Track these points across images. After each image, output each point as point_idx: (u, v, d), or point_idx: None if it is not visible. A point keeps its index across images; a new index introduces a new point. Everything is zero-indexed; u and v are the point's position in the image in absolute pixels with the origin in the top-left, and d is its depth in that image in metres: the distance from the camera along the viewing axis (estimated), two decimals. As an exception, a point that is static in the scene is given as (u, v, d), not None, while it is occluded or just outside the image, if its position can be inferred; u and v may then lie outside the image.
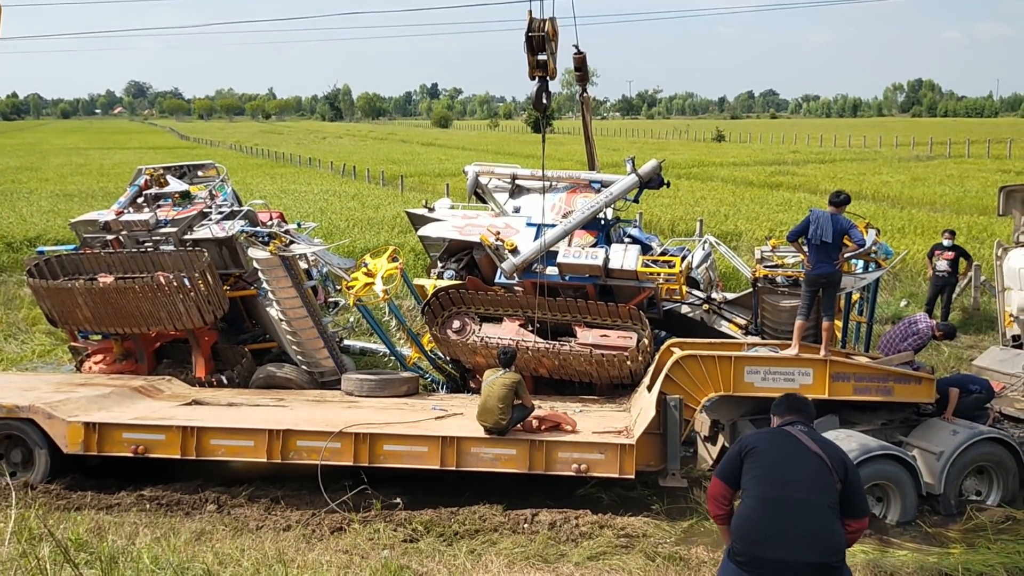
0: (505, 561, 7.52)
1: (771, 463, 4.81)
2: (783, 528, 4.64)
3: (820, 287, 9.63)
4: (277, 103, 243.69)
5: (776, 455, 4.83)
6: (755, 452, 4.88)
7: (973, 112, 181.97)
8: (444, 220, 13.11)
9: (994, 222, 22.83)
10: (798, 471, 4.74)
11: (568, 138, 76.21)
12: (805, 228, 9.41)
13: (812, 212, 9.51)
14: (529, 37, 9.08)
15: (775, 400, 5.30)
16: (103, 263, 12.01)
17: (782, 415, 5.13)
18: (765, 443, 4.93)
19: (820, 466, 4.75)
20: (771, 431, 5.07)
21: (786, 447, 4.85)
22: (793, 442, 4.86)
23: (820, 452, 4.79)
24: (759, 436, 5.06)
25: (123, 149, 72.87)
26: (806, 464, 4.76)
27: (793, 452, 4.81)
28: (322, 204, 31.10)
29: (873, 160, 52.05)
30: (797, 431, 4.92)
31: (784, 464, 4.77)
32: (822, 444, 4.89)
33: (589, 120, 13.77)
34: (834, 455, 4.84)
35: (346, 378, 11.28)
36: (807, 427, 5.00)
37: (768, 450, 4.86)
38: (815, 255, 9.45)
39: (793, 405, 5.16)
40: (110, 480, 9.45)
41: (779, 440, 4.92)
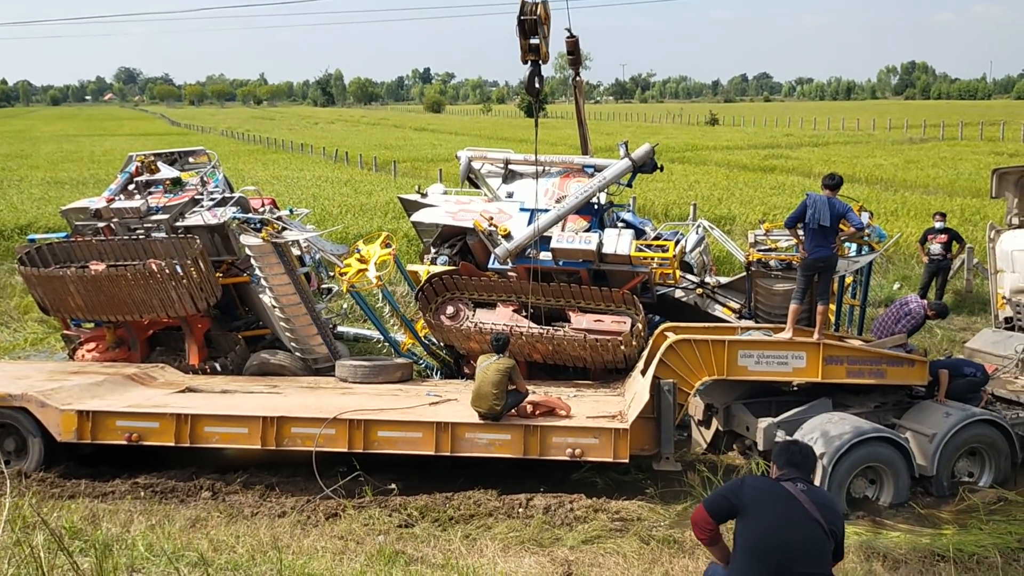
0: (500, 545, 7.55)
1: (771, 530, 4.69)
2: None
3: (817, 271, 9.63)
4: (268, 88, 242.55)
5: (776, 521, 4.71)
6: (755, 512, 4.77)
7: (966, 94, 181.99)
8: (437, 206, 13.07)
9: (987, 204, 22.86)
10: (798, 541, 4.66)
11: (561, 122, 76.01)
12: (803, 213, 9.40)
13: (809, 196, 9.50)
14: (521, 21, 9.03)
15: (776, 447, 5.17)
16: (95, 251, 11.96)
17: (781, 468, 4.99)
18: (765, 504, 4.78)
19: (818, 534, 4.68)
20: (771, 489, 4.86)
21: (787, 512, 4.72)
22: (794, 506, 4.73)
23: (819, 518, 4.69)
24: (759, 492, 4.86)
25: (114, 136, 72.47)
26: (806, 534, 4.67)
27: (794, 519, 4.70)
28: (314, 190, 30.99)
29: (866, 143, 52.04)
30: (797, 491, 4.79)
31: (784, 533, 4.67)
32: (820, 506, 4.77)
33: (582, 104, 13.72)
34: (830, 517, 4.76)
35: (340, 364, 11.27)
36: (806, 484, 4.88)
37: (768, 516, 4.73)
38: (812, 239, 9.44)
39: (792, 460, 4.99)
40: (104, 468, 9.44)
41: (780, 503, 4.77)
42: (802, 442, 5.28)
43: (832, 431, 8.63)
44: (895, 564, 7.22)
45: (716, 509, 4.90)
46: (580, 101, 13.68)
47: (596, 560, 7.30)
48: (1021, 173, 12.15)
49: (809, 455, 5.08)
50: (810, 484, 4.91)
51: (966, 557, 7.34)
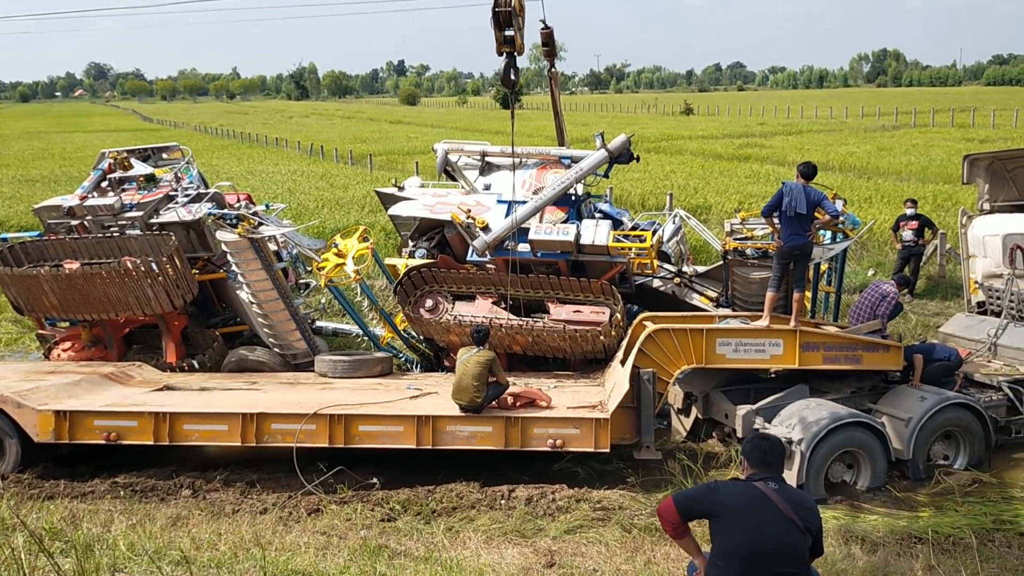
0: (483, 537, 7.57)
1: (745, 535, 4.69)
2: None
3: (793, 259, 9.71)
4: (241, 83, 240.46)
5: (751, 526, 4.70)
6: (729, 516, 4.76)
7: (937, 81, 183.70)
8: (414, 199, 13.04)
9: (959, 190, 23.12)
10: (775, 543, 4.67)
11: (537, 114, 75.98)
12: (779, 201, 9.46)
13: (785, 185, 9.57)
14: (496, 12, 9.01)
15: (746, 444, 5.14)
16: (68, 249, 11.84)
17: (753, 466, 4.96)
18: (740, 509, 4.77)
19: (794, 534, 4.70)
20: (745, 492, 4.84)
21: (762, 516, 4.72)
22: (768, 508, 4.73)
23: (793, 516, 4.71)
24: (733, 496, 4.83)
25: (85, 132, 71.60)
26: (782, 536, 4.68)
27: (769, 522, 4.70)
28: (290, 185, 30.83)
29: (839, 131, 52.44)
30: (771, 491, 4.78)
31: (761, 536, 4.67)
32: (795, 505, 4.78)
33: (558, 95, 13.73)
34: (805, 516, 4.77)
35: (319, 360, 11.24)
36: (778, 483, 4.88)
37: (742, 520, 4.73)
38: (789, 227, 9.51)
39: (764, 458, 4.96)
40: (83, 468, 9.38)
41: (754, 506, 4.76)
42: (772, 436, 5.28)
43: (809, 417, 8.72)
44: (873, 547, 7.32)
45: (685, 509, 4.86)
46: (555, 92, 13.69)
47: (578, 550, 7.34)
48: (992, 159, 12.31)
49: (780, 450, 5.05)
50: (782, 482, 4.90)
51: (942, 539, 7.46)
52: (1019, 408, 9.63)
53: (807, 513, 4.80)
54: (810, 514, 4.81)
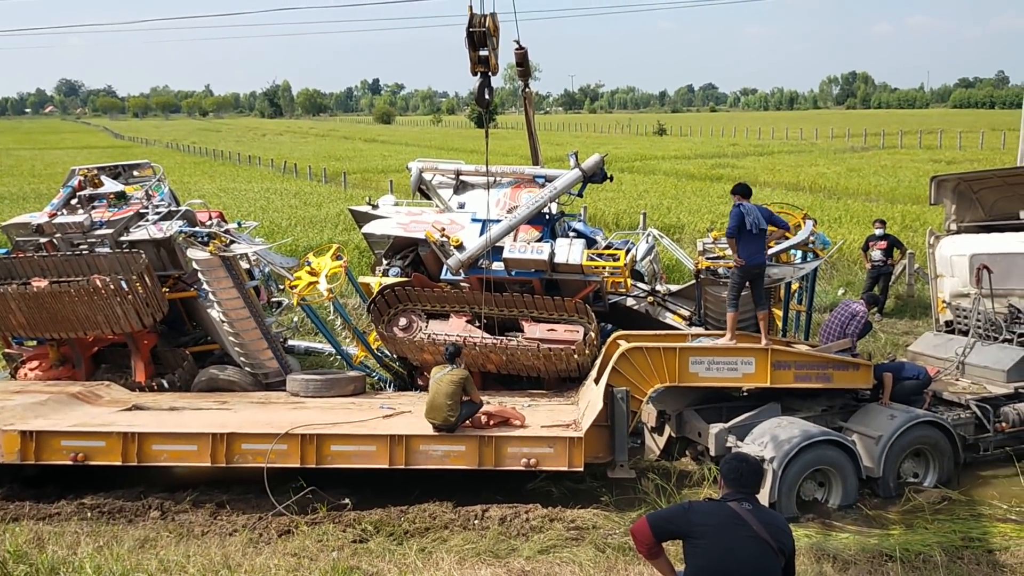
0: (456, 558, 7.52)
1: (718, 555, 4.71)
2: None
3: (753, 277, 9.83)
4: (214, 100, 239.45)
5: (724, 547, 4.72)
6: (702, 536, 4.77)
7: (905, 104, 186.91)
8: (388, 217, 13.03)
9: (927, 211, 23.46)
10: (746, 564, 4.69)
11: (511, 133, 76.26)
12: (742, 222, 9.57)
13: (741, 206, 9.69)
14: (470, 32, 9.06)
15: (724, 464, 5.14)
16: (37, 267, 11.69)
17: (729, 485, 4.98)
18: (714, 529, 4.79)
19: (767, 554, 4.72)
20: (719, 512, 4.86)
21: (735, 535, 4.74)
22: (742, 528, 4.76)
23: (767, 537, 4.73)
24: (707, 516, 4.86)
25: (55, 149, 70.89)
26: (755, 556, 4.70)
27: (742, 542, 4.72)
28: (263, 203, 30.67)
29: (810, 152, 53.12)
30: (745, 512, 4.80)
31: (733, 556, 4.69)
32: (768, 525, 4.80)
33: (532, 115, 13.81)
34: (777, 536, 4.79)
35: (291, 379, 11.15)
36: (752, 504, 4.89)
37: (715, 540, 4.75)
38: (753, 245, 9.64)
39: (741, 479, 4.97)
40: (49, 489, 9.22)
41: (727, 526, 4.79)
42: (751, 458, 5.26)
43: (781, 435, 8.77)
44: (845, 565, 7.35)
45: (659, 530, 4.87)
46: (530, 112, 13.77)
47: (552, 570, 7.31)
48: (959, 181, 12.52)
49: (757, 472, 5.05)
50: (756, 503, 4.91)
51: (912, 556, 7.51)
52: (987, 426, 9.74)
53: (780, 534, 4.80)
54: (783, 535, 4.82)
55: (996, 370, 10.39)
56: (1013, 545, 7.80)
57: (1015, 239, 11.49)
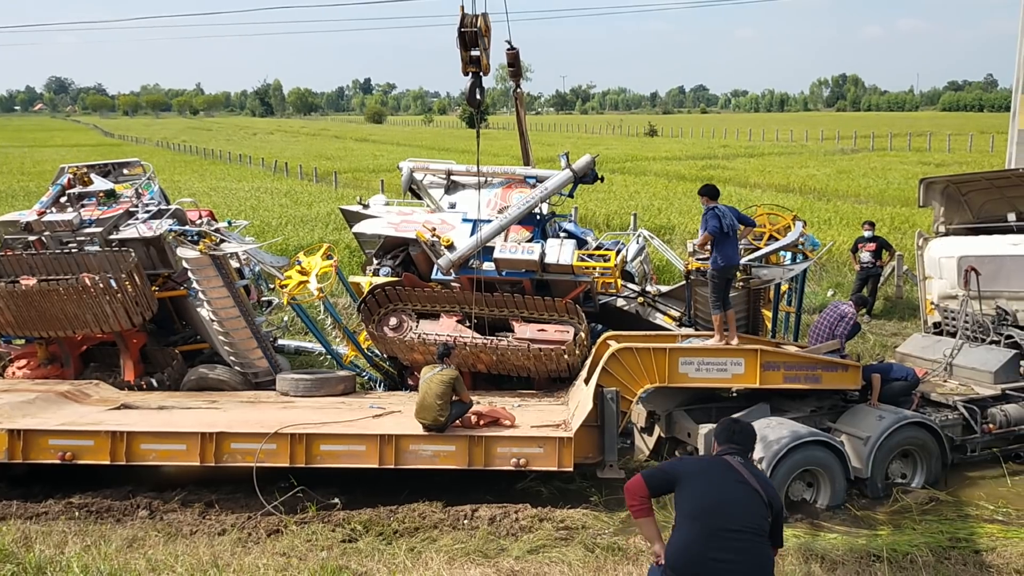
0: (445, 558, 7.52)
1: (708, 493, 4.83)
2: (718, 557, 4.71)
3: (731, 278, 9.91)
4: (205, 99, 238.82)
5: (713, 485, 4.85)
6: (692, 479, 4.91)
7: (895, 106, 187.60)
8: (379, 217, 13.01)
9: (915, 213, 23.56)
10: (735, 502, 4.79)
11: (503, 133, 76.28)
12: (721, 224, 9.62)
13: (716, 208, 9.74)
14: (462, 33, 9.07)
15: (718, 425, 5.29)
16: (25, 265, 11.64)
17: (721, 443, 5.13)
18: (702, 471, 4.95)
19: (755, 498, 4.81)
20: (710, 460, 5.08)
21: (723, 477, 4.87)
22: (730, 472, 4.88)
23: (757, 486, 4.83)
24: (697, 462, 5.12)
25: (45, 147, 70.56)
26: (742, 495, 4.81)
27: (730, 483, 4.84)
28: (253, 202, 30.59)
29: (800, 154, 53.27)
30: (736, 462, 4.94)
31: (721, 495, 4.81)
32: (757, 477, 4.93)
33: (523, 115, 13.80)
34: (766, 488, 4.90)
35: (281, 378, 11.13)
36: (744, 459, 5.03)
37: (705, 479, 4.88)
38: (729, 246, 9.74)
39: (733, 438, 5.14)
40: (37, 488, 9.18)
41: (716, 469, 4.93)
42: (743, 421, 5.39)
43: (770, 435, 8.80)
44: (833, 565, 7.39)
45: (653, 481, 5.01)
46: (521, 112, 13.76)
47: (541, 570, 7.32)
48: (947, 183, 12.58)
49: (750, 434, 5.21)
50: (748, 459, 5.05)
51: (900, 557, 7.54)
52: (974, 427, 9.80)
53: (769, 488, 4.93)
54: (772, 490, 4.94)
55: (983, 371, 10.46)
56: (1000, 546, 7.85)
57: (1003, 241, 11.57)
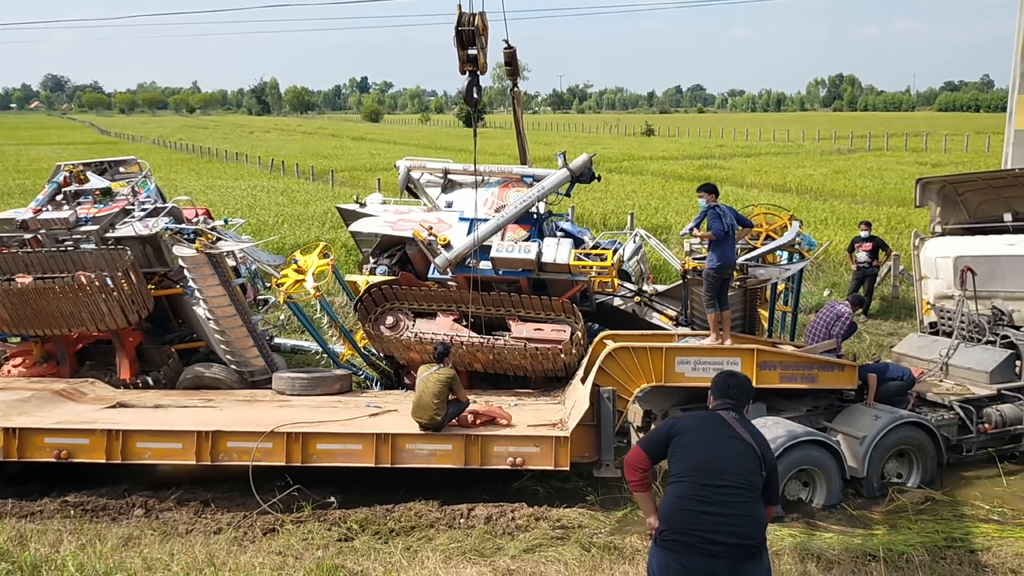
0: (441, 557, 7.52)
1: (700, 448, 4.85)
2: (709, 512, 4.73)
3: (727, 277, 9.91)
4: (202, 97, 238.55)
5: (705, 440, 4.87)
6: (684, 435, 4.93)
7: (891, 106, 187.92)
8: (376, 215, 12.99)
9: (912, 213, 23.63)
10: (727, 457, 4.81)
11: (500, 132, 76.27)
12: (722, 223, 9.63)
13: (718, 207, 9.74)
14: (459, 31, 9.07)
15: (714, 378, 5.29)
16: (21, 263, 11.60)
17: (716, 398, 5.16)
18: (695, 427, 4.97)
19: (748, 452, 4.83)
20: (703, 415, 5.09)
21: (716, 432, 4.90)
22: (723, 427, 4.91)
23: (750, 440, 4.86)
24: (691, 419, 5.07)
25: (40, 145, 70.44)
26: (734, 450, 4.83)
27: (723, 437, 4.87)
28: (250, 200, 30.58)
29: (796, 153, 53.35)
30: (730, 417, 4.97)
31: (713, 449, 4.83)
32: (752, 432, 4.95)
33: (520, 115, 13.79)
34: (762, 443, 4.93)
35: (277, 377, 11.12)
36: (738, 414, 5.05)
37: (698, 435, 4.91)
38: (728, 245, 9.72)
39: (728, 392, 5.15)
40: (32, 487, 9.16)
41: (709, 425, 4.95)
42: (740, 374, 5.35)
43: (767, 435, 8.75)
44: (829, 565, 7.39)
45: (652, 447, 5.03)
46: (518, 111, 13.76)
47: (537, 569, 7.31)
48: (944, 183, 12.60)
49: (744, 387, 5.18)
50: (742, 414, 5.05)
51: (896, 556, 7.55)
52: (970, 427, 9.82)
53: (763, 444, 4.94)
54: (766, 446, 4.95)
55: (979, 371, 10.47)
56: (995, 545, 7.86)
57: (999, 242, 11.58)
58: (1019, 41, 16.37)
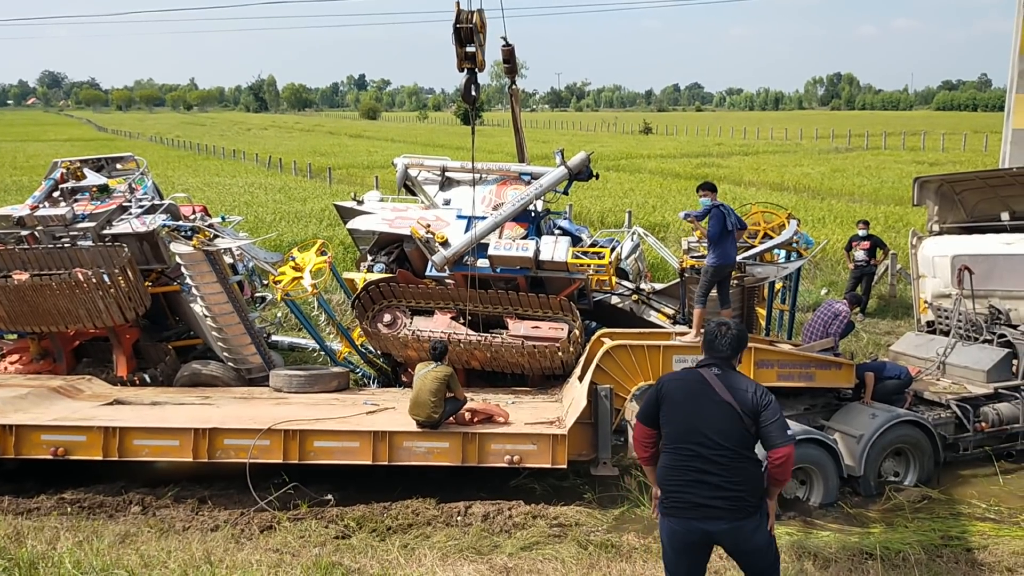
0: (439, 554, 7.52)
1: (682, 412, 4.95)
2: (696, 479, 4.87)
3: (726, 276, 9.90)
4: (199, 94, 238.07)
5: (687, 404, 4.95)
6: (668, 400, 5.02)
7: (889, 105, 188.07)
8: (374, 213, 12.99)
9: (909, 212, 23.64)
10: (708, 423, 4.88)
11: (498, 130, 76.25)
12: (724, 221, 9.60)
13: (721, 206, 9.73)
14: (457, 29, 9.06)
15: (706, 328, 5.30)
16: (18, 260, 11.58)
17: (704, 352, 5.18)
18: (678, 390, 5.03)
19: (729, 414, 4.87)
20: (686, 375, 5.12)
21: (698, 395, 4.94)
22: (704, 389, 4.94)
23: (730, 400, 4.88)
24: (674, 380, 5.12)
25: (37, 141, 70.27)
26: (714, 413, 4.89)
27: (703, 401, 4.92)
28: (247, 197, 30.54)
29: (794, 152, 53.38)
30: (711, 375, 4.97)
31: (694, 417, 4.91)
32: (732, 389, 4.94)
33: (518, 112, 13.79)
34: (744, 399, 4.91)
35: (274, 374, 11.11)
36: (723, 370, 5.03)
37: (680, 399, 4.98)
38: (729, 244, 9.69)
39: (713, 347, 5.11)
40: (29, 484, 9.15)
41: (692, 388, 4.99)
42: (733, 325, 5.27)
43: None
44: (825, 563, 7.40)
45: (647, 417, 5.10)
46: (516, 109, 13.76)
47: (535, 566, 7.31)
48: (941, 182, 12.60)
49: (731, 339, 5.11)
50: (726, 368, 5.04)
51: (893, 555, 7.56)
52: (967, 426, 9.83)
53: (745, 396, 4.93)
54: (747, 397, 4.93)
55: (976, 370, 10.48)
56: (991, 544, 7.87)
57: (996, 240, 11.59)
58: (1017, 40, 16.37)
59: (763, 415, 4.93)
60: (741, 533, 4.87)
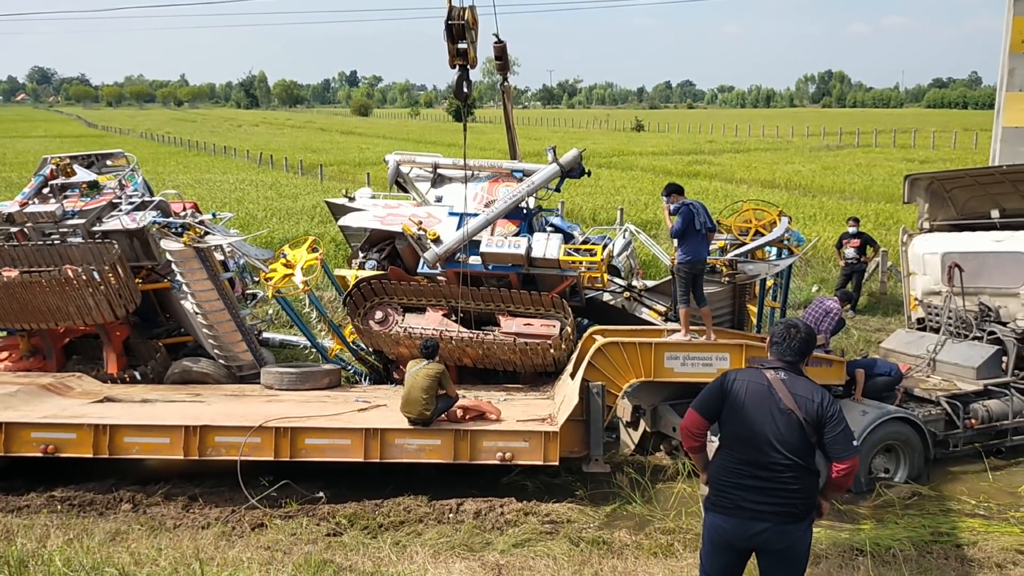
0: (430, 552, 7.51)
1: (744, 415, 4.84)
2: (753, 485, 4.83)
3: (699, 273, 9.90)
4: (190, 90, 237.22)
5: (750, 408, 4.84)
6: (732, 399, 4.91)
7: (880, 103, 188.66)
8: (365, 210, 12.96)
9: (900, 209, 23.72)
10: (768, 428, 4.79)
11: (490, 127, 76.21)
12: (691, 220, 9.60)
13: (692, 204, 9.73)
14: (449, 25, 9.03)
15: (775, 324, 5.18)
16: (7, 256, 11.52)
17: (772, 353, 5.03)
18: (745, 395, 4.89)
19: (791, 423, 4.77)
20: (752, 376, 4.95)
21: (762, 400, 4.83)
22: (769, 396, 4.83)
23: (793, 407, 4.78)
24: (740, 380, 4.95)
25: (27, 138, 69.94)
26: (777, 421, 4.79)
27: (768, 408, 4.81)
28: (238, 194, 30.45)
29: (785, 149, 53.50)
30: (777, 380, 4.86)
31: (757, 424, 4.81)
32: (797, 396, 4.83)
33: (510, 109, 13.77)
34: (809, 408, 4.80)
35: (265, 371, 11.08)
36: (788, 373, 4.92)
37: (744, 400, 4.86)
38: (698, 242, 9.69)
39: (783, 346, 4.98)
40: (18, 481, 9.09)
41: (756, 391, 4.87)
42: (803, 326, 5.13)
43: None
44: (816, 559, 7.41)
45: (706, 408, 5.01)
46: (508, 106, 13.74)
47: (527, 563, 7.32)
48: (932, 180, 12.64)
49: (805, 341, 5.01)
50: (793, 373, 4.93)
51: (883, 551, 7.59)
52: (957, 422, 9.88)
53: (809, 405, 4.83)
54: (814, 407, 4.83)
55: (966, 367, 10.53)
56: (981, 540, 7.91)
57: (986, 238, 11.63)
58: (1007, 38, 16.43)
59: (828, 426, 4.82)
60: (785, 537, 4.82)
